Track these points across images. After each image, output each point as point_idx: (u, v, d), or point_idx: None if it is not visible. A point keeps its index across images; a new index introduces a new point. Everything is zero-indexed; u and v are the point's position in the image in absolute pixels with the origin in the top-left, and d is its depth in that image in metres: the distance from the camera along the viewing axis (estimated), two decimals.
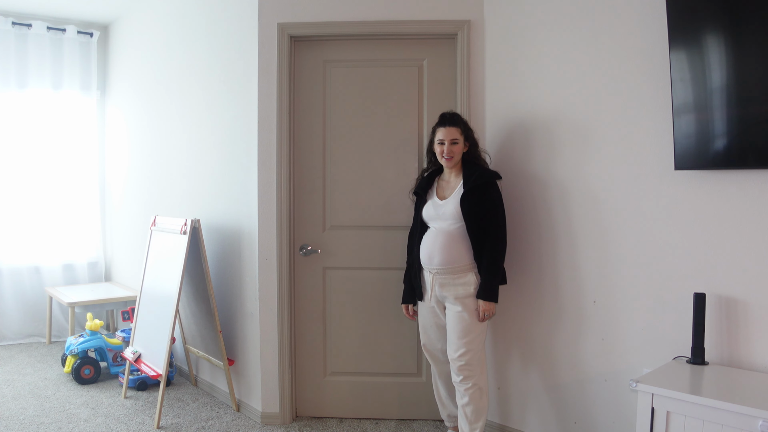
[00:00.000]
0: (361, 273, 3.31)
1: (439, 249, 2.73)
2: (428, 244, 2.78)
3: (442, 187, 2.85)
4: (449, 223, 2.73)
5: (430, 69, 3.21)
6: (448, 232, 2.73)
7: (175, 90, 4.15)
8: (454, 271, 2.72)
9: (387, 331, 3.31)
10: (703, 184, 2.33)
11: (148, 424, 3.29)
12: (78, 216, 5.35)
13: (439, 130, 2.78)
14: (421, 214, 2.84)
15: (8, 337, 4.96)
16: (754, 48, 2.11)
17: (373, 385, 3.35)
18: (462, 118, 2.83)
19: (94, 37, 5.29)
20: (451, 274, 2.72)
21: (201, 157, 3.84)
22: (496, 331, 3.12)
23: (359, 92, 3.27)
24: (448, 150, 2.74)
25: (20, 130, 5.03)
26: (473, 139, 2.82)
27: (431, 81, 3.21)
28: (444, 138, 2.75)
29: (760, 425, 1.79)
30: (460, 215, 2.69)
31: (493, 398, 3.14)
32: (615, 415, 2.65)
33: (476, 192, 2.69)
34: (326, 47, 3.28)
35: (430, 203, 2.82)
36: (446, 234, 2.73)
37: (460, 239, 2.71)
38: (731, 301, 2.27)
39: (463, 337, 2.69)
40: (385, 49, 3.24)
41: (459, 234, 2.71)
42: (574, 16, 2.75)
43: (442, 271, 2.74)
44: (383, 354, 3.33)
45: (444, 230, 2.74)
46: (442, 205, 2.76)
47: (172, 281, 3.40)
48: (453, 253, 2.71)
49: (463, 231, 2.71)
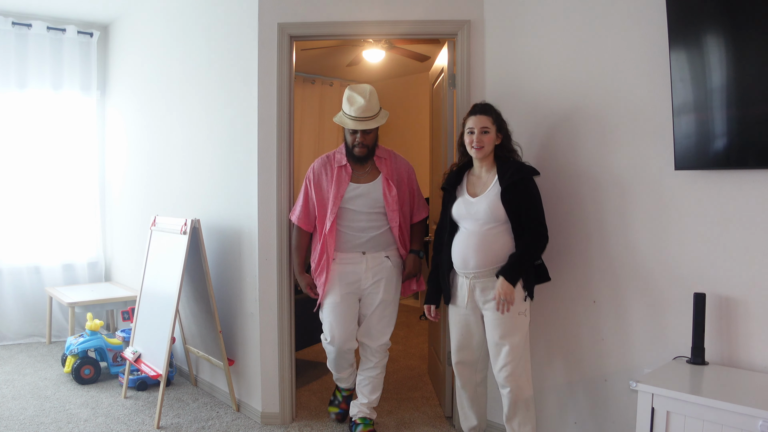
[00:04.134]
0: None
1: (474, 251, 2.56)
2: (461, 247, 2.61)
3: (472, 183, 2.67)
4: (482, 222, 2.56)
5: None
6: (481, 233, 2.55)
7: (176, 90, 4.15)
8: (492, 272, 2.54)
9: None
10: (703, 184, 2.33)
11: (148, 424, 3.29)
12: (78, 216, 5.35)
13: (469, 119, 2.62)
14: (451, 212, 2.67)
15: (8, 337, 4.96)
16: (754, 48, 2.11)
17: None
18: (495, 108, 2.65)
19: (94, 37, 5.29)
20: (489, 276, 2.54)
21: (201, 156, 3.84)
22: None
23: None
24: (477, 139, 2.57)
25: (20, 131, 5.03)
26: (506, 131, 2.64)
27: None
28: (474, 126, 2.59)
29: (760, 425, 1.78)
30: (494, 214, 2.52)
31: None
32: (615, 415, 2.65)
33: (513, 189, 2.52)
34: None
35: (461, 201, 2.65)
36: (479, 235, 2.56)
37: (495, 238, 2.54)
38: (731, 301, 2.27)
39: (506, 344, 2.52)
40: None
41: (494, 234, 2.54)
42: (574, 16, 2.75)
43: (480, 274, 2.56)
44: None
45: (476, 231, 2.57)
46: (474, 203, 2.59)
47: (172, 281, 3.40)
48: (489, 254, 2.53)
49: (497, 230, 2.54)
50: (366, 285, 3.01)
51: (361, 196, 2.98)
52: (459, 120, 3.14)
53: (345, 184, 2.98)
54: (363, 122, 2.91)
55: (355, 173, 3.02)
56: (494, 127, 2.59)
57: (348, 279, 3.00)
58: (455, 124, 3.19)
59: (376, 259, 3.02)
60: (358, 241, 2.99)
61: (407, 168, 3.14)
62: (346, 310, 3.00)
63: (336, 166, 3.01)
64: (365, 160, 3.00)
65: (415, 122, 6.74)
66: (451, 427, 3.27)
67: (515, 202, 2.51)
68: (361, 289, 3.03)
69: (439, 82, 3.52)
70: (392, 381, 3.98)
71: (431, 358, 3.91)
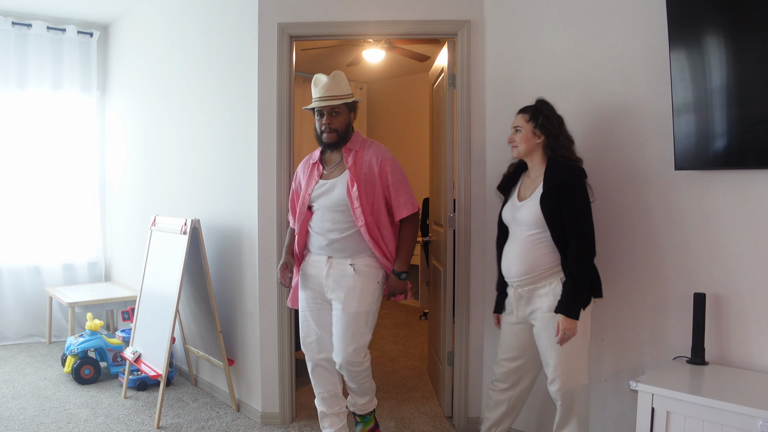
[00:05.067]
0: None
1: (514, 259, 2.45)
2: (506, 254, 2.50)
3: (525, 185, 2.52)
4: (524, 228, 2.42)
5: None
6: (522, 239, 2.43)
7: (176, 90, 4.15)
8: (534, 280, 2.39)
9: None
10: (703, 183, 2.33)
11: (148, 424, 3.29)
12: (78, 216, 5.36)
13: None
14: (501, 215, 2.58)
15: (8, 337, 4.96)
16: (754, 48, 2.11)
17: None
18: (539, 106, 2.47)
19: (94, 37, 5.29)
20: (533, 284, 2.40)
21: (201, 156, 3.84)
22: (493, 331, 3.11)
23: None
24: (510, 137, 2.49)
25: (20, 131, 5.03)
26: (549, 130, 2.42)
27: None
28: (512, 125, 2.51)
29: (760, 425, 1.79)
30: (535, 220, 2.37)
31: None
32: (615, 415, 2.65)
33: (554, 193, 2.34)
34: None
35: (509, 204, 2.54)
36: (521, 241, 2.43)
37: (536, 246, 2.39)
38: (731, 301, 2.27)
39: (554, 358, 2.39)
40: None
41: (535, 241, 2.39)
42: (574, 16, 2.75)
43: (522, 282, 2.43)
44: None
45: (520, 237, 2.44)
46: (519, 207, 2.46)
47: (172, 281, 3.40)
48: (528, 263, 2.40)
49: (540, 237, 2.38)
50: (327, 293, 2.76)
51: (326, 193, 2.73)
52: (459, 120, 3.15)
53: (314, 181, 2.77)
54: (326, 100, 2.66)
55: (326, 169, 2.79)
56: (529, 125, 2.44)
57: (310, 283, 2.81)
58: (455, 124, 3.19)
59: (339, 267, 2.72)
60: (323, 243, 2.74)
61: (381, 157, 2.72)
62: (313, 315, 2.81)
63: (311, 163, 2.84)
64: (336, 146, 2.74)
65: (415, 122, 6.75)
66: (451, 427, 3.27)
67: (555, 208, 2.33)
68: (326, 298, 2.79)
69: (439, 82, 3.52)
70: (392, 381, 3.98)
71: (431, 358, 3.91)
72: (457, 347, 3.23)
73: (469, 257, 3.15)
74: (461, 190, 3.15)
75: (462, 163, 3.14)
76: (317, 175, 2.78)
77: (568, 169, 2.36)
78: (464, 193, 3.14)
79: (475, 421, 3.20)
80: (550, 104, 2.48)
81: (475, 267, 3.15)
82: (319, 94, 2.68)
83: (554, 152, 2.42)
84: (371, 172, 2.70)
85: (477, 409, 3.21)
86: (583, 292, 2.33)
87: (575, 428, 2.43)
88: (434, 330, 3.69)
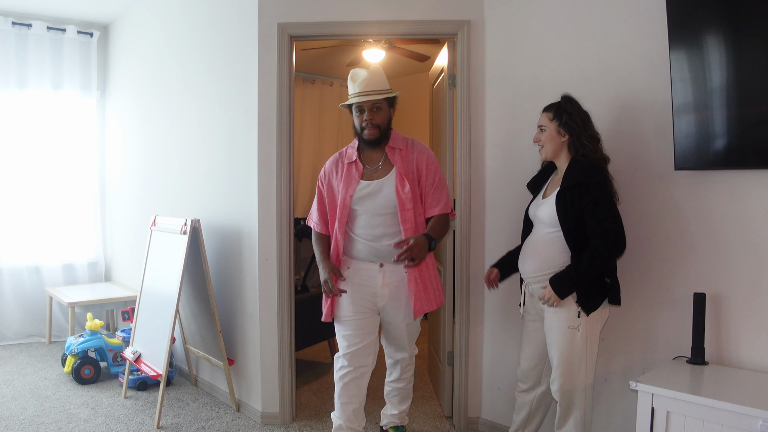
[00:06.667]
0: None
1: (527, 255, 2.47)
2: (524, 249, 2.51)
3: (553, 182, 2.50)
4: (544, 225, 2.41)
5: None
6: (538, 236, 2.44)
7: (175, 90, 4.15)
8: (545, 278, 2.37)
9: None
10: (703, 184, 2.33)
11: (148, 424, 3.29)
12: (78, 216, 5.35)
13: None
14: (527, 210, 2.58)
15: (8, 337, 4.96)
16: (754, 48, 2.11)
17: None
18: (562, 103, 2.43)
19: (94, 37, 5.29)
20: (542, 282, 2.40)
21: (201, 156, 3.84)
22: (493, 331, 3.11)
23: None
24: (535, 137, 2.47)
25: (20, 131, 5.03)
26: (573, 129, 2.37)
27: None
28: (537, 123, 2.49)
29: (760, 425, 1.79)
30: (553, 219, 2.36)
31: (493, 397, 3.15)
32: (615, 415, 2.65)
33: (569, 193, 2.32)
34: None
35: (535, 201, 2.54)
36: (537, 238, 2.45)
37: (549, 244, 2.38)
38: (731, 301, 2.27)
39: (555, 355, 2.39)
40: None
41: (549, 239, 2.38)
42: (574, 17, 2.75)
43: (532, 280, 2.45)
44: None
45: (537, 234, 2.45)
46: (541, 205, 2.46)
47: (172, 281, 3.40)
48: (538, 260, 2.41)
49: (555, 236, 2.37)
50: (383, 302, 2.64)
51: (372, 195, 2.58)
52: (459, 120, 3.15)
53: (355, 182, 2.61)
54: (368, 95, 2.54)
55: (367, 169, 2.63)
56: (553, 123, 2.40)
57: (360, 293, 2.63)
58: (455, 124, 3.19)
59: (394, 275, 2.61)
60: (373, 250, 2.60)
61: (427, 157, 2.64)
62: (363, 323, 2.66)
63: (346, 163, 2.67)
64: (378, 144, 2.61)
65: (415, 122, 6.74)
66: (451, 427, 3.27)
67: (569, 208, 2.31)
68: (378, 306, 2.66)
69: (439, 82, 3.52)
70: None
71: (431, 358, 3.91)
72: (457, 347, 3.23)
73: (469, 257, 3.15)
74: (461, 190, 3.15)
75: (462, 163, 3.14)
76: (357, 175, 2.63)
77: (584, 169, 2.32)
78: (464, 193, 3.14)
79: (475, 421, 3.20)
80: (575, 101, 2.44)
81: (475, 267, 3.14)
82: (358, 89, 2.55)
83: (577, 151, 2.38)
84: (419, 172, 2.62)
85: (477, 409, 3.21)
86: (582, 280, 2.28)
87: (572, 429, 2.43)
88: (434, 330, 3.69)
